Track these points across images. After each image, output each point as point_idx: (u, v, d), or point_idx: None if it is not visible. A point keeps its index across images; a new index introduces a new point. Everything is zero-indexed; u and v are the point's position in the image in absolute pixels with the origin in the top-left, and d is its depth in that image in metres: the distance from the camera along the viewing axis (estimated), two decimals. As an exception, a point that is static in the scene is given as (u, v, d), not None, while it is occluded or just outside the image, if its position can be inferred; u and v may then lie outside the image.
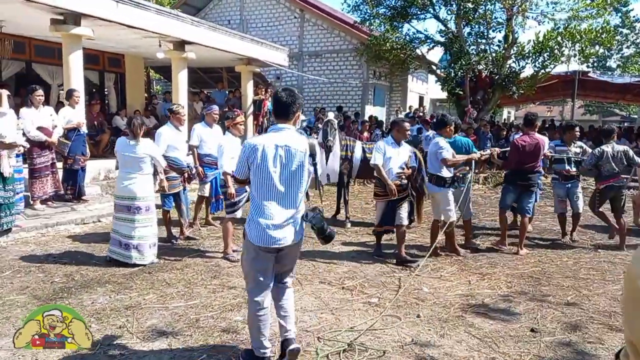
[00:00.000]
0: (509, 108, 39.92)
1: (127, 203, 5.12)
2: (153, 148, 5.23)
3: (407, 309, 4.17)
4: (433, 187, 5.65)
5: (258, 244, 2.95)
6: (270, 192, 2.94)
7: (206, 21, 11.94)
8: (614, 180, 6.10)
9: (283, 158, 2.91)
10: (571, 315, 4.09)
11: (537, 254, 5.95)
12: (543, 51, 13.43)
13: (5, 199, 5.58)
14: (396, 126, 5.58)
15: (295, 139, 2.97)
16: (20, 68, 10.72)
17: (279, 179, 2.93)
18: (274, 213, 2.93)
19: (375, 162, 5.42)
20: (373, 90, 18.99)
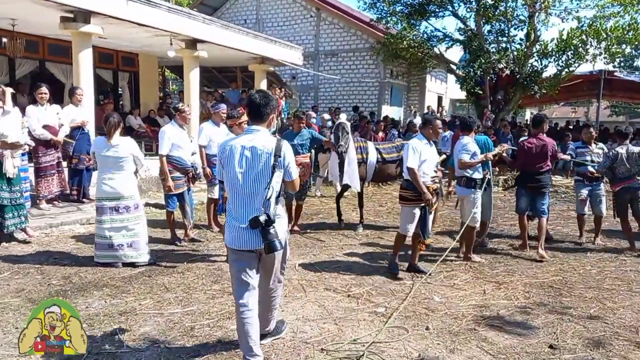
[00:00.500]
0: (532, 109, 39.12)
1: (114, 204, 4.98)
2: (135, 147, 5.12)
3: (415, 320, 3.91)
4: (463, 189, 5.47)
5: (231, 246, 2.98)
6: (237, 193, 2.95)
7: (218, 19, 11.81)
8: (629, 183, 5.94)
9: (249, 159, 2.90)
10: (594, 330, 3.77)
11: (558, 262, 5.61)
12: (567, 50, 12.94)
13: (11, 200, 5.43)
14: (429, 124, 5.04)
15: (262, 140, 2.93)
16: (34, 67, 10.76)
17: (245, 179, 2.91)
18: (241, 214, 2.92)
19: (411, 165, 4.77)
20: (390, 90, 18.67)
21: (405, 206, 4.98)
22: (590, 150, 6.33)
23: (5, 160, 5.29)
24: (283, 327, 3.55)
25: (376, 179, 7.43)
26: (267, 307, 3.29)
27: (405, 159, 4.92)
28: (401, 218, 5.07)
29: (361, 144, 7.04)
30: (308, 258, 5.58)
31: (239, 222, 2.93)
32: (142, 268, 5.01)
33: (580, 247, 6.32)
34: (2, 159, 5.28)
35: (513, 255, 5.86)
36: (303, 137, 6.49)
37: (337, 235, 6.70)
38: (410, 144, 4.93)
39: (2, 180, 5.33)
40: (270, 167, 2.88)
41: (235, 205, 2.97)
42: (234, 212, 2.98)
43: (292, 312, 4.02)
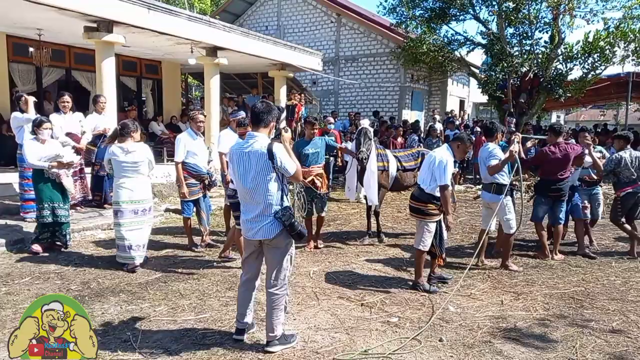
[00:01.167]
0: (558, 112, 38.23)
1: (133, 207, 5.16)
2: (149, 151, 5.34)
3: (429, 331, 3.84)
4: (493, 196, 5.35)
5: (243, 234, 3.51)
6: (241, 191, 3.38)
7: (238, 27, 11.93)
8: (633, 187, 5.93)
9: (246, 161, 3.26)
10: (616, 345, 3.64)
11: (581, 272, 5.45)
12: (593, 52, 12.60)
13: (65, 217, 5.68)
14: (459, 142, 4.78)
15: (260, 144, 3.25)
16: (60, 75, 11.06)
17: (244, 179, 3.29)
18: (245, 210, 3.39)
19: (446, 182, 4.52)
20: (411, 94, 18.52)
21: (422, 220, 4.73)
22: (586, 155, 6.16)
23: (63, 179, 5.58)
24: (292, 338, 3.55)
25: (394, 188, 6.94)
26: (268, 310, 3.45)
27: (439, 173, 4.54)
28: (418, 233, 4.78)
29: (381, 151, 6.62)
30: (323, 265, 5.56)
31: (245, 215, 3.38)
32: (159, 274, 5.08)
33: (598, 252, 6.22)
34: (60, 179, 5.54)
35: (533, 264, 5.71)
36: (316, 146, 6.04)
37: (353, 243, 6.65)
38: (444, 159, 4.58)
39: (60, 198, 5.58)
40: (267, 168, 3.22)
41: (242, 201, 3.42)
42: (242, 207, 3.43)
43: (304, 320, 4.01)
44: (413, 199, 4.86)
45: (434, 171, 4.60)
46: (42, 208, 5.51)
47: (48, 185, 5.51)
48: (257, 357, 3.38)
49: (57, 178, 5.53)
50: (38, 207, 5.57)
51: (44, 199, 5.50)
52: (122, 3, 7.92)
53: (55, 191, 5.55)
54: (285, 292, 3.48)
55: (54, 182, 5.53)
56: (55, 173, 5.50)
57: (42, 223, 5.55)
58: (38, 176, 5.55)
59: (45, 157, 5.45)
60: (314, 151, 5.98)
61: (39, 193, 5.53)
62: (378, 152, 6.48)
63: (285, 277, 3.46)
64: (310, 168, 5.95)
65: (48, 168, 5.44)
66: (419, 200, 4.76)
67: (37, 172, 5.54)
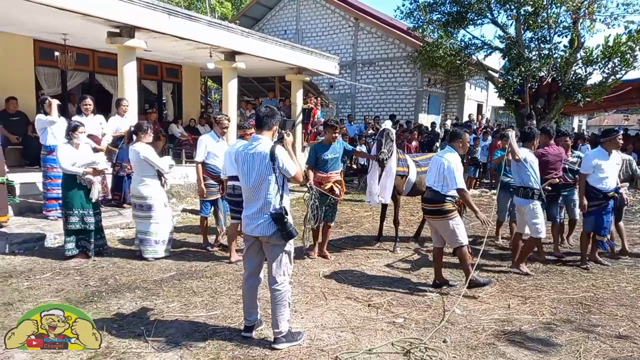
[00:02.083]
0: (580, 117, 37.58)
1: (135, 202, 5.66)
2: (147, 152, 5.51)
3: (434, 332, 3.90)
4: (520, 199, 5.51)
5: (243, 229, 3.68)
6: (245, 190, 3.56)
7: (256, 32, 12.12)
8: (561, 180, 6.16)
9: (251, 162, 3.45)
10: (620, 350, 3.64)
11: (592, 277, 5.43)
12: (613, 56, 12.43)
13: (95, 224, 5.56)
14: (458, 138, 4.90)
15: (263, 146, 3.44)
16: (84, 78, 11.40)
17: (248, 178, 3.48)
18: (247, 206, 3.57)
19: (461, 185, 4.68)
20: (427, 98, 18.51)
21: (445, 219, 4.77)
22: (565, 158, 6.25)
23: (93, 187, 5.49)
24: (299, 336, 3.65)
25: (412, 193, 6.74)
26: (272, 306, 3.60)
27: (451, 178, 4.66)
28: (451, 232, 4.75)
29: (400, 156, 6.46)
30: (333, 266, 5.65)
31: (246, 212, 3.56)
32: (173, 272, 5.25)
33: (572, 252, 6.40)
34: (92, 185, 5.46)
35: (543, 269, 5.71)
36: (336, 151, 5.80)
37: (363, 244, 6.73)
38: (452, 162, 4.69)
39: (89, 205, 5.49)
40: (268, 168, 3.40)
41: (245, 199, 3.61)
42: (244, 204, 3.61)
43: (312, 319, 4.11)
44: (428, 202, 4.92)
45: (447, 177, 4.72)
46: (71, 215, 5.39)
47: (80, 192, 5.41)
48: (264, 353, 3.49)
49: (89, 184, 5.44)
50: (66, 214, 5.43)
51: (74, 205, 5.38)
52: (143, 9, 8.16)
53: (85, 198, 5.45)
54: (287, 288, 3.59)
55: (85, 188, 5.44)
56: (89, 179, 5.42)
57: (69, 230, 5.45)
58: (69, 182, 5.42)
59: (79, 162, 5.39)
60: (334, 156, 5.78)
61: (69, 199, 5.41)
62: (398, 157, 6.33)
63: (285, 274, 3.57)
64: (329, 174, 5.79)
65: (82, 174, 5.36)
66: (434, 202, 4.84)
67: (69, 177, 5.41)
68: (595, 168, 5.62)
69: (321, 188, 5.69)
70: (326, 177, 5.76)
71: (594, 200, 5.65)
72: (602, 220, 5.65)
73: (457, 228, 4.77)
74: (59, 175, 6.73)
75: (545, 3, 12.65)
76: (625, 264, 6.03)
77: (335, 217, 6.09)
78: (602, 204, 5.65)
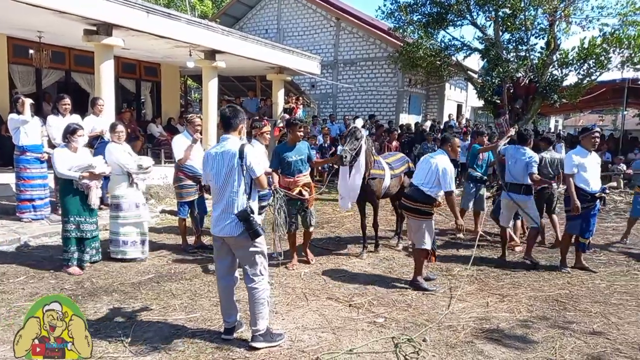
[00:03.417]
0: (557, 117, 38.30)
1: (111, 201, 5.66)
2: (115, 151, 5.47)
3: (414, 331, 3.93)
4: (524, 197, 5.85)
5: (212, 231, 3.64)
6: (213, 190, 3.59)
7: (237, 31, 12.05)
8: (548, 184, 6.44)
9: (219, 161, 3.46)
10: (595, 346, 3.73)
11: (567, 275, 5.53)
12: (588, 58, 12.67)
13: (91, 232, 5.29)
14: (448, 143, 4.99)
15: (230, 145, 3.47)
16: (60, 77, 11.17)
17: (217, 178, 3.49)
18: (214, 207, 3.56)
19: (452, 188, 4.78)
20: (408, 99, 18.65)
21: (420, 219, 4.87)
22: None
23: (91, 192, 5.18)
24: (279, 337, 3.63)
25: (384, 196, 6.50)
26: (250, 305, 3.60)
27: (444, 181, 4.75)
28: (418, 233, 4.87)
29: (375, 158, 6.20)
30: (314, 267, 5.65)
31: (214, 212, 3.56)
32: (152, 274, 5.18)
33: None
34: (89, 190, 5.16)
35: (521, 268, 5.80)
36: (301, 152, 5.43)
37: (345, 245, 6.75)
38: (447, 167, 4.80)
39: (86, 212, 5.21)
40: (237, 167, 3.41)
41: (213, 199, 3.61)
42: (213, 204, 3.61)
43: (293, 320, 4.10)
44: (409, 199, 4.98)
45: (440, 178, 4.79)
46: (67, 222, 5.11)
47: (76, 197, 5.13)
48: (244, 355, 3.47)
49: (86, 190, 5.14)
50: (63, 221, 5.18)
51: (71, 212, 5.11)
52: (121, 7, 8.03)
53: (82, 204, 5.17)
54: (264, 287, 3.58)
55: (82, 194, 5.15)
56: (86, 184, 5.11)
57: (66, 238, 5.16)
58: (66, 187, 5.13)
59: (76, 166, 5.08)
60: (299, 158, 5.39)
61: (65, 206, 5.14)
62: (374, 159, 6.07)
63: (261, 272, 3.57)
64: (297, 178, 5.42)
65: (79, 179, 5.05)
66: (416, 200, 4.90)
67: (65, 183, 5.12)
68: (579, 167, 5.53)
69: (288, 193, 5.32)
70: (294, 182, 5.40)
71: (582, 203, 5.46)
72: (589, 223, 5.55)
73: (426, 232, 4.86)
74: (32, 176, 6.61)
75: (522, 5, 12.83)
76: (600, 261, 6.17)
77: (313, 221, 5.68)
78: (590, 206, 5.51)
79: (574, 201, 5.45)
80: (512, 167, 5.89)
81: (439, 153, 5.01)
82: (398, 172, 6.44)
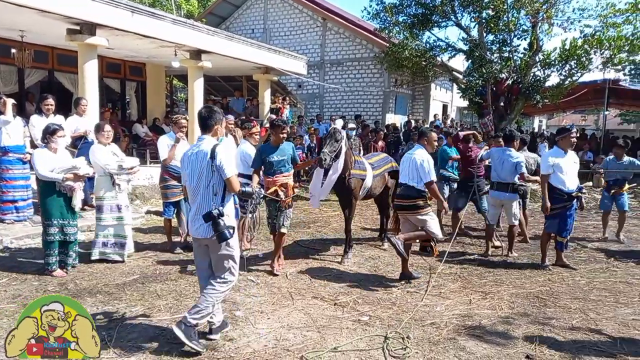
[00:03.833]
0: (540, 117, 38.81)
1: (96, 202, 5.65)
2: (97, 151, 5.44)
3: (397, 328, 3.98)
4: (512, 195, 6.12)
5: (189, 231, 3.69)
6: (188, 190, 3.60)
7: (222, 30, 12.02)
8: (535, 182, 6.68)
9: (194, 162, 3.48)
10: (573, 341, 3.81)
11: (548, 272, 5.64)
12: (569, 59, 12.91)
13: (74, 235, 5.14)
14: (424, 137, 5.20)
15: (205, 146, 3.47)
16: (43, 77, 11.03)
17: (191, 179, 3.50)
18: (192, 208, 3.57)
19: (431, 178, 4.99)
20: (395, 99, 18.77)
21: (418, 214, 5.08)
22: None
23: (75, 194, 5.03)
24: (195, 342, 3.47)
25: (366, 197, 6.41)
26: (200, 297, 3.59)
27: (423, 173, 4.97)
28: (428, 225, 5.07)
29: (357, 158, 6.13)
30: (300, 266, 5.67)
31: (190, 212, 3.60)
32: (137, 275, 5.16)
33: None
34: (73, 192, 5.01)
35: (504, 265, 5.90)
36: (284, 152, 5.33)
37: (331, 244, 6.78)
38: (424, 159, 5.01)
39: (69, 214, 5.06)
40: (208, 167, 3.40)
41: (189, 200, 3.64)
42: (190, 204, 3.65)
43: (278, 319, 4.12)
44: (402, 198, 5.18)
45: (419, 171, 5.01)
46: (50, 225, 4.95)
47: (59, 200, 4.96)
48: (230, 355, 3.49)
49: (70, 192, 4.99)
50: (45, 224, 4.99)
51: (53, 215, 4.94)
52: (105, 6, 7.97)
53: (65, 207, 5.01)
54: (222, 290, 3.54)
55: (65, 196, 5.00)
56: (70, 186, 4.95)
57: (48, 242, 5.00)
58: (47, 189, 4.95)
59: (59, 168, 4.93)
60: (281, 158, 5.30)
61: (47, 209, 4.95)
62: (355, 159, 5.97)
63: (225, 277, 3.55)
64: (275, 178, 5.31)
65: (62, 180, 4.89)
66: (409, 198, 5.11)
67: (46, 184, 4.93)
68: (555, 167, 5.54)
69: (265, 192, 5.15)
70: (272, 181, 5.30)
71: (559, 202, 5.54)
72: (566, 222, 5.62)
73: (434, 221, 5.12)
74: (14, 177, 6.53)
75: (505, 7, 13.02)
76: (580, 258, 6.30)
77: (287, 223, 5.41)
78: (567, 205, 5.57)
79: (545, 202, 5.63)
80: (500, 168, 6.14)
81: (417, 148, 5.20)
82: (381, 172, 6.37)
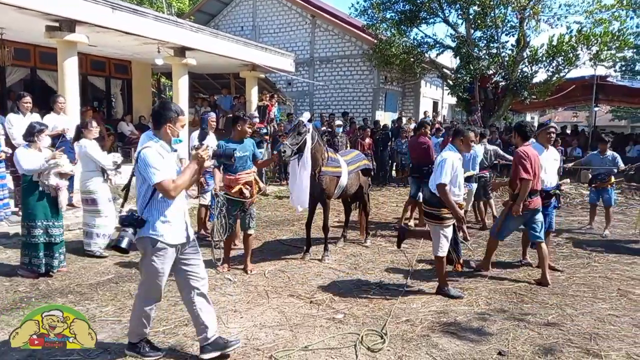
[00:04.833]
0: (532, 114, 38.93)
1: (84, 197, 5.74)
2: (90, 147, 5.59)
3: (372, 326, 3.94)
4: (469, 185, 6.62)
5: None
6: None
7: (207, 27, 11.91)
8: (482, 172, 7.41)
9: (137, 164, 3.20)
10: (547, 337, 3.78)
11: (527, 268, 5.62)
12: (557, 55, 12.92)
13: (59, 236, 5.02)
14: (461, 136, 4.62)
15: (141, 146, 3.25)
16: (25, 74, 10.89)
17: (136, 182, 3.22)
18: None
19: (443, 180, 4.38)
20: (384, 96, 18.72)
21: (437, 225, 4.58)
22: None
23: (60, 193, 4.91)
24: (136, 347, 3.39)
25: (341, 196, 6.24)
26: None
27: (438, 172, 4.44)
28: (436, 237, 4.60)
29: (331, 155, 5.89)
30: (279, 265, 5.62)
31: None
32: (111, 275, 5.08)
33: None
34: (58, 192, 4.88)
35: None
36: (246, 148, 5.14)
37: (313, 242, 6.71)
38: (446, 157, 4.47)
39: (54, 215, 4.94)
40: (137, 170, 3.11)
41: None
42: None
43: (251, 318, 4.07)
44: (426, 203, 4.78)
45: (435, 172, 4.52)
46: (34, 227, 4.79)
47: (43, 200, 4.83)
48: (196, 355, 3.41)
49: (53, 192, 4.86)
50: (28, 226, 4.82)
51: (37, 216, 4.79)
52: (84, 2, 7.86)
53: (49, 207, 4.87)
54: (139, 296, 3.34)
55: (49, 196, 4.87)
56: (54, 186, 4.85)
57: (32, 244, 4.83)
58: (29, 189, 4.82)
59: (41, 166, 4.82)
60: (243, 154, 5.07)
61: (30, 209, 4.81)
62: (328, 156, 5.76)
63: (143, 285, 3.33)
64: (238, 176, 5.11)
65: (49, 165, 4.78)
66: (432, 205, 4.62)
67: (29, 186, 4.83)
68: None
69: (229, 192, 5.08)
70: (234, 179, 5.08)
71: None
72: (544, 220, 5.40)
73: (442, 238, 4.57)
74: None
75: (492, 3, 13.01)
76: (562, 254, 6.28)
77: (253, 223, 5.27)
78: (545, 203, 5.33)
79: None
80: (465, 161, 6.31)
81: (447, 149, 4.67)
82: (354, 168, 6.21)
